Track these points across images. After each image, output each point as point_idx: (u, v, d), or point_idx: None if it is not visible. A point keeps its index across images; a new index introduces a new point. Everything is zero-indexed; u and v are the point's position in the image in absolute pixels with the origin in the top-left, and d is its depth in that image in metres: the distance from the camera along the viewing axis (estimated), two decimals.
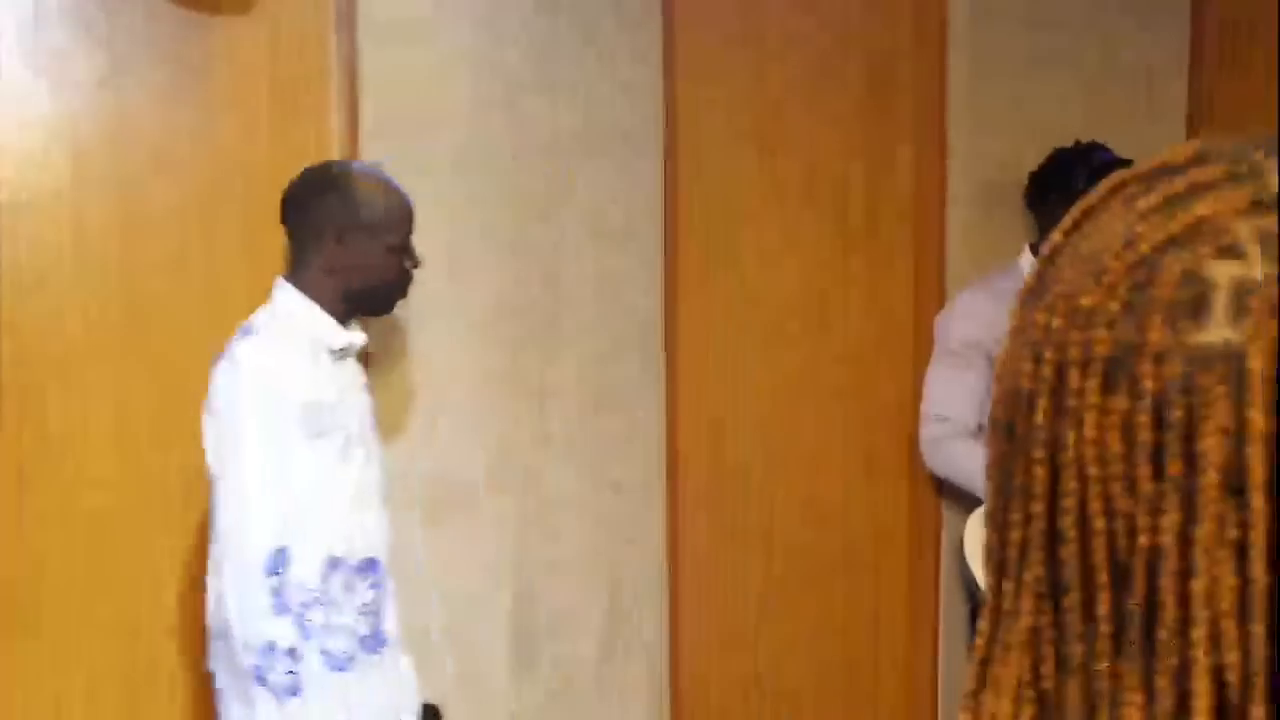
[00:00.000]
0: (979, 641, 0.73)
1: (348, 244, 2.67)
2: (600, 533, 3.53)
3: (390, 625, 2.74)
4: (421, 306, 3.34)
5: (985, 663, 0.72)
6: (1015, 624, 0.71)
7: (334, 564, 2.61)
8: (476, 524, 3.42)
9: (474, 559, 3.42)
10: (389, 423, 3.32)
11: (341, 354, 2.68)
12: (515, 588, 3.45)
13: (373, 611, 2.68)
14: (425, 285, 3.33)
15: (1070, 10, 3.75)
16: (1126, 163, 3.43)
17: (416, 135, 3.32)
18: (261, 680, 2.51)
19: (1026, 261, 3.55)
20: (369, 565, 2.67)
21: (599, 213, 3.48)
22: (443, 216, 3.35)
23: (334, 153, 3.22)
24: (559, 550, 3.49)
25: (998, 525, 0.73)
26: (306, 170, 2.76)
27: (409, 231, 2.74)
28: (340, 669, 2.61)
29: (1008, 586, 0.72)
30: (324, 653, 2.59)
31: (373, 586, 2.67)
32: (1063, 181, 3.49)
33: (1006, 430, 0.74)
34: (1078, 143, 3.55)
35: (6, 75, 3.01)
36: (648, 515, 3.57)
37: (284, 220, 2.73)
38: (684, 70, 3.51)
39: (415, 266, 2.77)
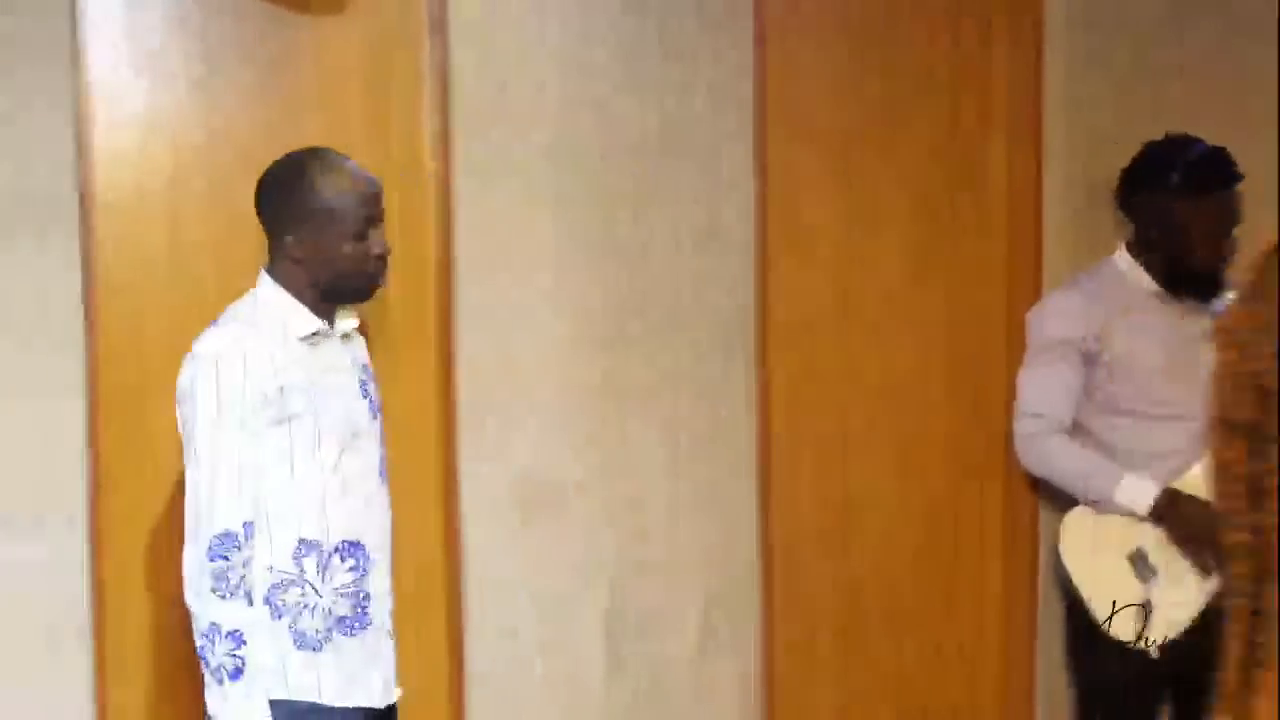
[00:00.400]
0: (1234, 643, 0.72)
1: (307, 233, 2.68)
2: (688, 532, 3.52)
3: (377, 609, 2.73)
4: (510, 306, 3.35)
5: (1247, 665, 0.71)
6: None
7: (307, 546, 2.64)
8: (566, 524, 3.43)
9: (564, 559, 3.43)
10: (478, 423, 3.33)
11: (314, 339, 2.69)
12: (605, 588, 3.45)
13: (353, 593, 2.68)
14: (514, 285, 3.34)
15: (1172, 10, 3.72)
16: (1223, 151, 3.38)
17: (506, 135, 3.33)
18: (205, 662, 2.56)
19: (1122, 259, 3.51)
20: (350, 548, 2.67)
21: (685, 212, 3.48)
22: (531, 216, 3.36)
23: (425, 152, 3.23)
24: (648, 550, 3.49)
25: (1247, 528, 0.72)
26: (277, 160, 2.77)
27: (369, 217, 2.69)
28: (314, 649, 2.64)
29: (1270, 589, 0.70)
30: (296, 632, 2.63)
31: (353, 569, 2.68)
32: (1154, 176, 3.44)
33: (1249, 430, 0.72)
34: (1168, 135, 3.49)
35: (104, 75, 3.03)
36: (736, 515, 3.56)
37: (256, 211, 2.76)
38: (773, 70, 3.50)
39: (382, 254, 2.72)
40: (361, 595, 2.70)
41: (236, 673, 2.55)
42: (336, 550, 2.67)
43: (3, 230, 3.00)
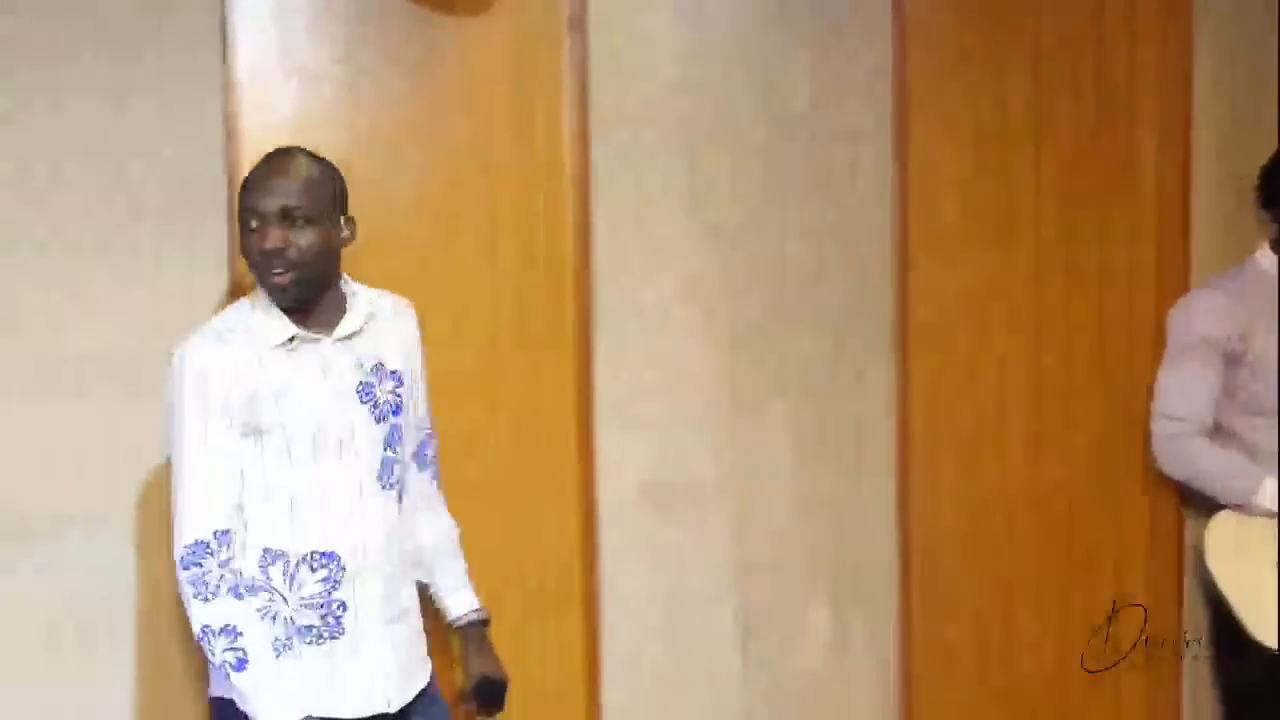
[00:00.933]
0: None
1: None
2: (824, 531, 3.51)
3: (355, 619, 2.64)
4: (647, 305, 3.34)
5: None
6: None
7: (271, 556, 2.60)
8: (702, 523, 3.42)
9: (700, 558, 3.42)
10: (615, 423, 3.32)
11: (290, 345, 2.63)
12: (742, 587, 3.44)
13: (322, 604, 2.62)
14: (651, 284, 3.34)
15: None
16: None
17: (643, 133, 3.33)
18: (211, 663, 2.56)
19: (1264, 258, 3.46)
20: (322, 559, 2.61)
21: (823, 210, 3.46)
22: (668, 215, 3.35)
23: (565, 151, 3.23)
24: (783, 549, 3.48)
25: None
26: None
27: (256, 211, 2.58)
28: (274, 655, 2.58)
29: None
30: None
31: (323, 581, 2.62)
32: None
33: None
34: None
35: (252, 78, 3.04)
36: (873, 514, 3.54)
37: None
38: (914, 68, 3.48)
39: (268, 250, 2.57)
40: (334, 606, 2.63)
41: (240, 664, 2.54)
42: (305, 560, 2.61)
43: (151, 229, 3.01)
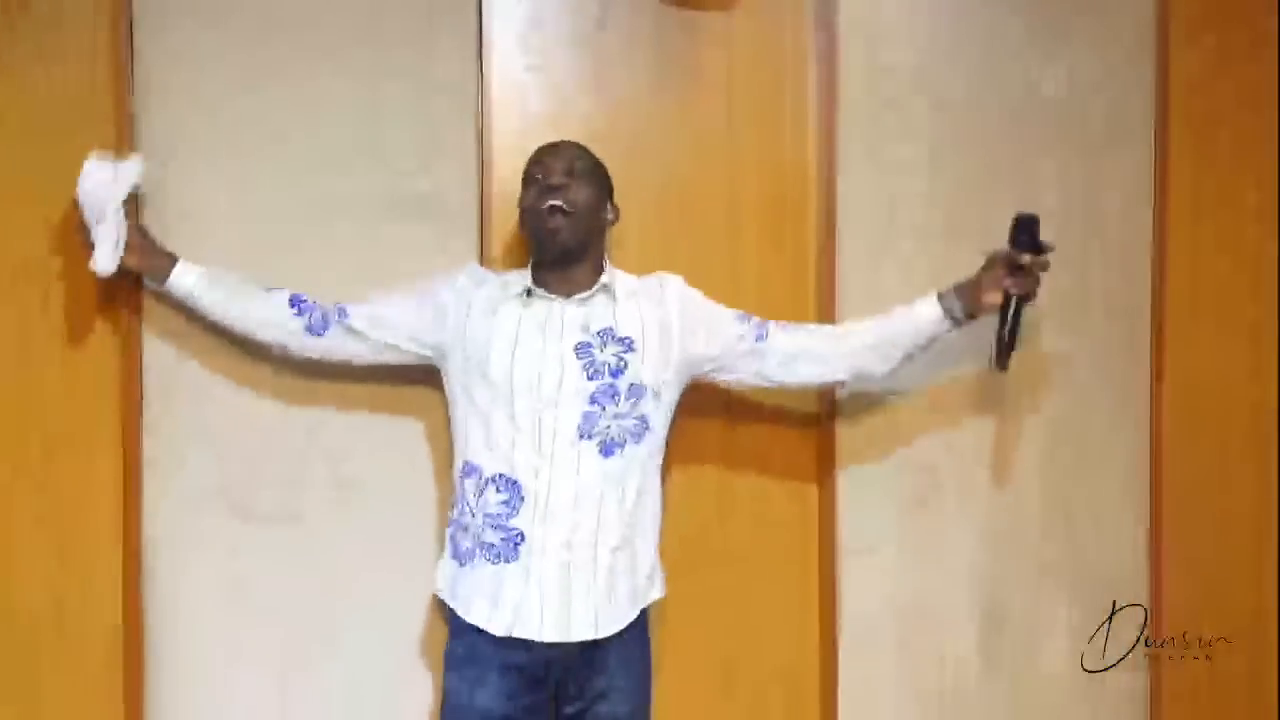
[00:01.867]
0: None
1: None
2: (1071, 538, 3.41)
3: (529, 553, 2.80)
4: (896, 298, 3.30)
5: None
6: None
7: (469, 468, 2.85)
8: (948, 524, 3.37)
9: (943, 562, 3.38)
10: (858, 414, 3.31)
11: (526, 299, 2.88)
12: (987, 589, 3.39)
13: (502, 526, 2.81)
14: (897, 276, 3.31)
15: None
16: None
17: (890, 125, 3.31)
18: None
19: None
20: (506, 482, 2.81)
21: (1076, 200, 3.38)
22: (915, 205, 3.33)
23: (810, 143, 3.24)
24: (1028, 554, 3.40)
25: None
26: None
27: (538, 162, 2.91)
28: (458, 560, 2.88)
29: None
30: (454, 544, 2.89)
31: (504, 504, 2.81)
32: None
33: None
34: None
35: (505, 77, 3.15)
36: (1125, 514, 3.44)
37: None
38: (1175, 54, 3.39)
39: (547, 184, 2.86)
40: (514, 532, 2.81)
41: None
42: (493, 480, 2.82)
43: (406, 229, 3.13)
